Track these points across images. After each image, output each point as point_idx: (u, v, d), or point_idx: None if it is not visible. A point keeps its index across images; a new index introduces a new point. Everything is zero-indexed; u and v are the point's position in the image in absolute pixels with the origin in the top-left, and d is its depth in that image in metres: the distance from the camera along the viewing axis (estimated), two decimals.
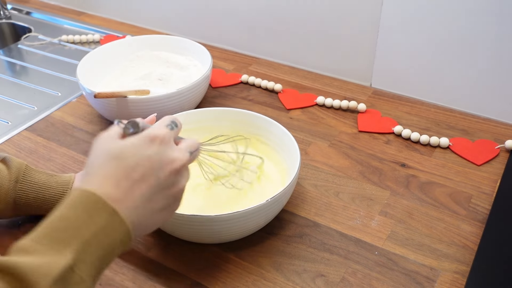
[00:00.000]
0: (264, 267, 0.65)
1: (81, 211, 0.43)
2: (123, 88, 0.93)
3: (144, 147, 0.47)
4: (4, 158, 0.67)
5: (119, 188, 0.45)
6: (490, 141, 0.85)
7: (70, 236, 0.42)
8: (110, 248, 0.43)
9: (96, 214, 0.43)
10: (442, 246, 0.67)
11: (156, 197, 0.47)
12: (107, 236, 0.43)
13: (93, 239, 0.42)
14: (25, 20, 1.33)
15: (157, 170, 0.47)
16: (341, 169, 0.80)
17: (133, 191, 0.45)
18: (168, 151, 0.48)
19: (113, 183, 0.45)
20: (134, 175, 0.45)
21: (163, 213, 0.49)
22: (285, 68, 1.08)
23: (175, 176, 0.48)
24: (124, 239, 0.45)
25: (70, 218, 0.43)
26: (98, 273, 0.43)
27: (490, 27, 0.83)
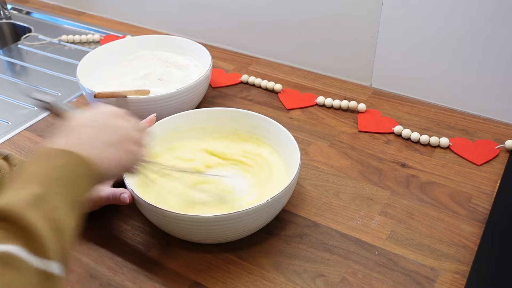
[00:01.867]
0: (264, 267, 0.65)
1: (39, 160, 0.48)
2: (123, 88, 0.93)
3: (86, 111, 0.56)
4: (7, 155, 0.67)
5: (67, 138, 0.52)
6: (490, 141, 0.85)
7: (32, 176, 0.46)
8: (75, 180, 0.48)
9: (51, 158, 0.48)
10: (442, 246, 0.67)
11: (101, 135, 0.53)
12: (68, 170, 0.47)
13: (54, 174, 0.46)
14: (25, 20, 1.33)
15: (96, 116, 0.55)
16: (341, 169, 0.80)
17: (79, 136, 0.52)
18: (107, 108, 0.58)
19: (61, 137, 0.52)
20: (78, 126, 0.53)
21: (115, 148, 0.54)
22: (285, 68, 1.08)
23: (114, 118, 0.56)
24: (89, 172, 0.50)
25: (36, 166, 0.47)
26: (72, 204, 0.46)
27: (491, 27, 0.83)
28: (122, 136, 0.55)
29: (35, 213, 0.42)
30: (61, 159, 0.48)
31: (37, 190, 0.44)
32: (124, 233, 0.70)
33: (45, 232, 0.41)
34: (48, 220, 0.43)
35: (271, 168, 0.75)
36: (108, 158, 0.53)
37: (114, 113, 0.57)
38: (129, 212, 0.73)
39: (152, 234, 0.70)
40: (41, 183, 0.45)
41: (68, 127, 0.53)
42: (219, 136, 0.80)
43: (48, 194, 0.44)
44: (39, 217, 0.42)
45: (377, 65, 0.98)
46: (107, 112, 0.56)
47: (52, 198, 0.44)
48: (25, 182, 0.45)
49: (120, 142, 0.55)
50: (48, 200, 0.44)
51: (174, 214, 0.61)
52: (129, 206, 0.72)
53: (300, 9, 1.01)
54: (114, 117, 0.56)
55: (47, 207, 0.43)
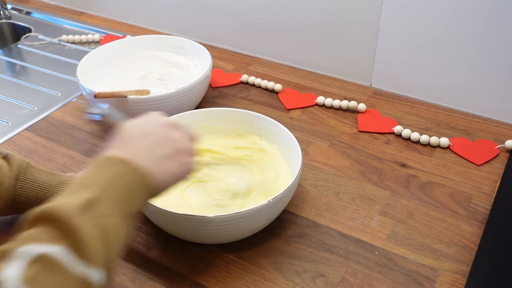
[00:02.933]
0: (264, 267, 0.65)
1: (98, 167, 0.49)
2: (123, 88, 0.93)
3: (140, 121, 0.56)
4: (6, 155, 0.67)
5: (125, 149, 0.52)
6: (490, 141, 0.85)
7: (90, 183, 0.46)
8: (130, 191, 0.48)
9: (110, 167, 0.49)
10: (442, 246, 0.67)
11: (157, 147, 0.54)
12: (124, 181, 0.48)
13: (112, 182, 0.47)
14: (25, 20, 1.33)
15: (149, 126, 0.55)
16: (341, 169, 0.80)
17: (136, 147, 0.52)
18: (161, 117, 0.58)
19: (119, 148, 0.52)
20: (133, 137, 0.54)
21: (171, 161, 0.54)
22: (285, 68, 1.08)
23: (168, 129, 0.56)
24: (145, 182, 0.50)
25: (89, 173, 0.48)
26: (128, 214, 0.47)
27: (491, 27, 0.83)
28: (177, 148, 0.55)
29: (84, 217, 0.42)
30: (117, 169, 0.48)
31: (90, 195, 0.44)
32: None
33: (91, 237, 0.41)
34: (97, 226, 0.42)
35: (272, 169, 0.75)
36: (164, 171, 0.52)
37: (167, 124, 0.56)
38: None
39: (152, 234, 0.70)
40: (95, 189, 0.45)
41: (123, 139, 0.53)
42: (219, 136, 0.80)
43: (100, 200, 0.44)
44: (87, 222, 0.42)
45: (377, 65, 0.98)
46: (161, 123, 0.56)
47: (105, 205, 0.44)
48: (79, 188, 0.46)
49: (175, 155, 0.54)
50: (100, 206, 0.44)
51: (174, 214, 0.61)
52: None
53: (300, 9, 1.01)
54: (168, 128, 0.56)
55: (98, 213, 0.43)
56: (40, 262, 0.38)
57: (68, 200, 0.43)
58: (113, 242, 0.44)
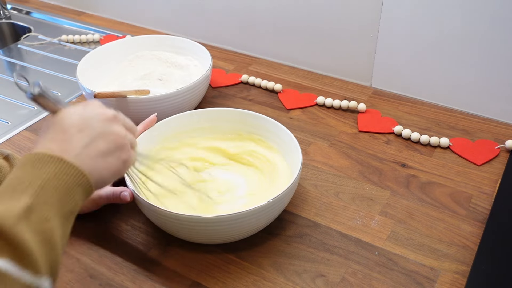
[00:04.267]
0: (264, 267, 0.65)
1: (30, 167, 0.46)
2: (123, 88, 0.93)
3: (78, 110, 0.53)
4: (7, 155, 0.67)
5: (60, 143, 0.49)
6: (490, 141, 0.85)
7: (23, 187, 0.44)
8: (67, 191, 0.46)
9: (44, 166, 0.46)
10: (442, 246, 0.67)
11: (95, 143, 0.51)
12: (60, 180, 0.46)
13: (47, 184, 0.45)
14: (25, 20, 1.33)
15: (89, 120, 0.52)
16: (341, 169, 0.80)
17: (72, 142, 0.49)
18: (101, 108, 0.54)
19: (54, 141, 0.49)
20: (70, 130, 0.50)
21: (110, 158, 0.52)
22: (285, 68, 1.08)
23: (109, 123, 0.53)
24: (82, 181, 0.48)
25: (20, 175, 0.46)
26: (65, 216, 0.46)
27: (491, 27, 0.83)
28: (117, 144, 0.53)
29: (25, 226, 0.41)
30: (53, 167, 0.46)
31: (28, 201, 0.43)
32: (124, 233, 0.70)
33: (34, 247, 0.40)
34: (38, 233, 0.42)
35: (272, 169, 0.75)
36: (102, 168, 0.51)
37: (108, 117, 0.54)
38: (129, 212, 0.73)
39: (152, 234, 0.70)
40: (32, 193, 0.44)
41: (59, 130, 0.50)
42: (219, 136, 0.80)
43: (38, 205, 0.43)
44: (28, 230, 0.41)
45: (377, 65, 0.98)
46: (100, 116, 0.53)
47: (42, 209, 0.43)
48: (16, 191, 0.44)
49: (115, 150, 0.53)
50: (38, 211, 0.43)
51: (174, 214, 0.61)
52: (129, 206, 0.72)
53: (300, 9, 1.01)
54: (109, 121, 0.53)
55: (37, 219, 0.42)
56: None
57: (7, 208, 0.42)
58: (55, 246, 0.43)
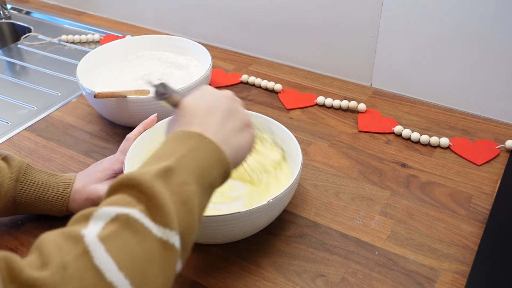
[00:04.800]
0: (264, 267, 0.65)
1: (174, 140, 0.49)
2: (123, 88, 0.93)
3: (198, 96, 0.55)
4: (5, 156, 0.67)
5: (198, 123, 0.51)
6: (490, 141, 0.85)
7: (168, 155, 0.47)
8: (207, 163, 0.48)
9: (186, 140, 0.49)
10: (442, 246, 0.67)
11: (228, 121, 0.53)
12: (201, 152, 0.48)
13: (188, 154, 0.47)
14: (25, 20, 1.33)
15: (215, 101, 0.54)
16: (341, 169, 0.80)
17: (206, 122, 0.52)
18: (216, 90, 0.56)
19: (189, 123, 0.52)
20: (199, 112, 0.53)
21: (242, 134, 0.54)
22: (285, 68, 1.08)
23: (232, 102, 0.55)
24: (220, 157, 0.49)
25: (166, 147, 0.49)
26: (204, 186, 0.47)
27: (490, 27, 0.83)
28: (243, 121, 0.55)
29: (163, 184, 0.42)
30: (192, 142, 0.48)
31: (168, 163, 0.45)
32: None
33: (169, 203, 0.41)
34: (175, 192, 0.43)
35: (272, 168, 0.75)
36: (235, 145, 0.52)
37: (229, 96, 0.56)
38: None
39: None
40: (173, 159, 0.45)
41: (192, 114, 0.53)
42: None
43: (178, 169, 0.45)
44: (166, 188, 0.42)
45: (377, 65, 0.98)
46: (223, 95, 0.55)
47: (182, 174, 0.45)
48: (157, 159, 0.46)
49: (243, 127, 0.54)
50: (178, 174, 0.44)
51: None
52: None
53: (300, 9, 1.01)
54: (231, 100, 0.55)
55: (176, 181, 0.44)
56: (118, 220, 0.39)
57: (146, 169, 0.44)
58: (190, 208, 0.44)
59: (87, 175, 0.71)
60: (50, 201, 0.67)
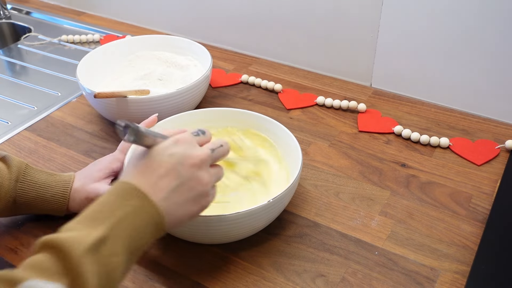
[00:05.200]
0: (264, 267, 0.65)
1: (116, 196, 0.49)
2: (123, 88, 0.93)
3: (168, 148, 0.54)
4: (4, 156, 0.67)
5: (148, 181, 0.51)
6: (490, 141, 0.85)
7: (105, 215, 0.47)
8: (142, 228, 0.49)
9: (129, 198, 0.49)
10: (442, 246, 0.67)
11: (181, 189, 0.52)
12: (139, 216, 0.48)
13: (126, 218, 0.47)
14: (25, 20, 1.33)
15: (178, 165, 0.53)
16: (341, 169, 0.80)
17: (159, 184, 0.51)
18: (188, 149, 0.54)
19: (143, 176, 0.52)
20: (160, 170, 0.52)
21: (190, 205, 0.54)
22: (285, 68, 1.08)
23: (197, 170, 0.54)
24: (157, 222, 0.50)
25: (106, 202, 0.49)
26: (133, 251, 0.48)
27: (490, 27, 0.83)
28: (201, 193, 0.54)
29: (91, 259, 0.43)
30: (136, 202, 0.49)
31: (102, 232, 0.45)
32: None
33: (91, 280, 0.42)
34: (101, 264, 0.44)
35: (272, 169, 0.75)
36: (180, 215, 0.53)
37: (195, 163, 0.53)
38: None
39: None
40: (108, 224, 0.46)
41: (150, 167, 0.52)
42: (220, 136, 0.80)
43: (110, 239, 0.46)
44: (93, 262, 0.43)
45: (377, 65, 0.98)
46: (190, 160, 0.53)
47: (114, 243, 0.46)
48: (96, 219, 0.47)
49: (197, 199, 0.54)
50: (109, 245, 0.45)
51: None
52: None
53: (300, 9, 1.01)
54: (196, 167, 0.53)
55: (105, 252, 0.45)
56: None
57: (82, 236, 0.44)
58: (113, 280, 0.45)
59: (86, 174, 0.71)
60: (50, 200, 0.67)
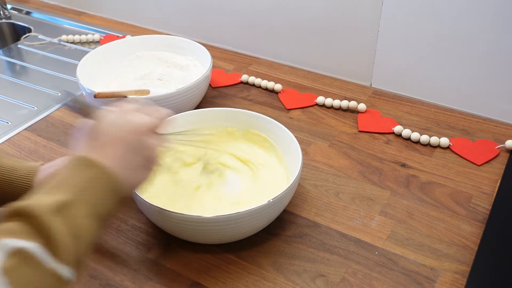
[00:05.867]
0: (264, 267, 0.65)
1: (71, 168, 0.50)
2: (123, 88, 0.93)
3: (112, 118, 0.55)
4: None
5: (100, 152, 0.52)
6: (490, 141, 0.85)
7: (63, 184, 0.48)
8: (102, 194, 0.50)
9: (83, 169, 0.50)
10: (442, 246, 0.67)
11: (130, 155, 0.53)
12: (96, 184, 0.49)
13: (84, 186, 0.48)
14: (25, 20, 1.33)
15: (122, 133, 0.54)
16: (341, 169, 0.80)
17: (107, 152, 0.52)
18: (133, 117, 0.56)
19: (91, 147, 0.53)
20: (105, 139, 0.53)
21: (141, 170, 0.55)
22: (285, 68, 1.08)
23: (140, 136, 0.55)
24: (115, 187, 0.51)
25: (62, 174, 0.49)
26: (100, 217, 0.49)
27: (490, 27, 0.83)
28: (149, 157, 0.55)
29: (57, 218, 0.44)
30: (90, 172, 0.50)
31: (63, 197, 0.46)
32: (124, 233, 0.70)
33: (63, 237, 0.43)
34: (69, 226, 0.45)
35: (272, 169, 0.75)
36: (133, 179, 0.54)
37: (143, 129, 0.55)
38: (129, 212, 0.73)
39: (152, 234, 0.70)
40: (68, 191, 0.47)
41: (97, 139, 0.53)
42: (219, 137, 0.80)
43: (73, 203, 0.46)
44: (60, 222, 0.44)
45: (377, 65, 0.98)
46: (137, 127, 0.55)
47: (76, 207, 0.46)
48: (53, 188, 0.47)
49: (146, 163, 0.55)
50: (72, 207, 0.46)
51: (174, 214, 0.61)
52: (129, 206, 0.72)
53: (300, 9, 1.01)
54: (143, 134, 0.55)
55: (69, 214, 0.45)
56: (18, 255, 0.40)
57: (42, 200, 0.45)
58: (83, 242, 0.46)
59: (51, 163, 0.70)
60: (16, 184, 0.66)
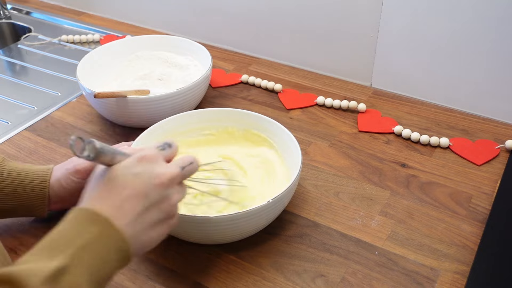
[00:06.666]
0: (264, 267, 0.65)
1: (75, 223, 0.45)
2: (123, 88, 0.93)
3: (133, 167, 0.49)
4: None
5: (111, 204, 0.47)
6: (490, 141, 0.85)
7: (64, 244, 0.43)
8: (106, 256, 0.45)
9: (89, 225, 0.45)
10: (442, 246, 0.67)
11: (148, 212, 0.49)
12: (101, 244, 0.45)
13: (87, 246, 0.44)
14: (25, 20, 1.33)
15: (145, 186, 0.48)
16: (341, 169, 0.80)
17: (124, 207, 0.47)
18: (156, 168, 0.50)
19: (105, 199, 0.47)
20: (124, 192, 0.48)
21: (158, 228, 0.51)
22: (285, 68, 1.08)
23: (164, 191, 0.50)
24: (122, 248, 0.46)
25: (64, 230, 0.45)
26: (98, 282, 0.44)
27: (490, 27, 0.83)
28: (169, 213, 0.51)
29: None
30: (97, 229, 0.45)
31: (61, 262, 0.42)
32: None
33: None
34: None
35: (272, 169, 0.75)
36: (147, 238, 0.49)
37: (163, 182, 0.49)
38: None
39: None
40: (68, 253, 0.42)
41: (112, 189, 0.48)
42: (220, 137, 0.80)
43: (71, 268, 0.42)
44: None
45: (377, 65, 0.98)
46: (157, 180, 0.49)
47: (75, 273, 0.42)
48: (54, 249, 0.43)
49: (165, 219, 0.51)
50: (70, 275, 0.41)
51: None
52: None
53: (300, 9, 1.01)
54: (164, 187, 0.50)
55: (67, 281, 0.41)
56: None
57: (37, 268, 0.41)
58: None
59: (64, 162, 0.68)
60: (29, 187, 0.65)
